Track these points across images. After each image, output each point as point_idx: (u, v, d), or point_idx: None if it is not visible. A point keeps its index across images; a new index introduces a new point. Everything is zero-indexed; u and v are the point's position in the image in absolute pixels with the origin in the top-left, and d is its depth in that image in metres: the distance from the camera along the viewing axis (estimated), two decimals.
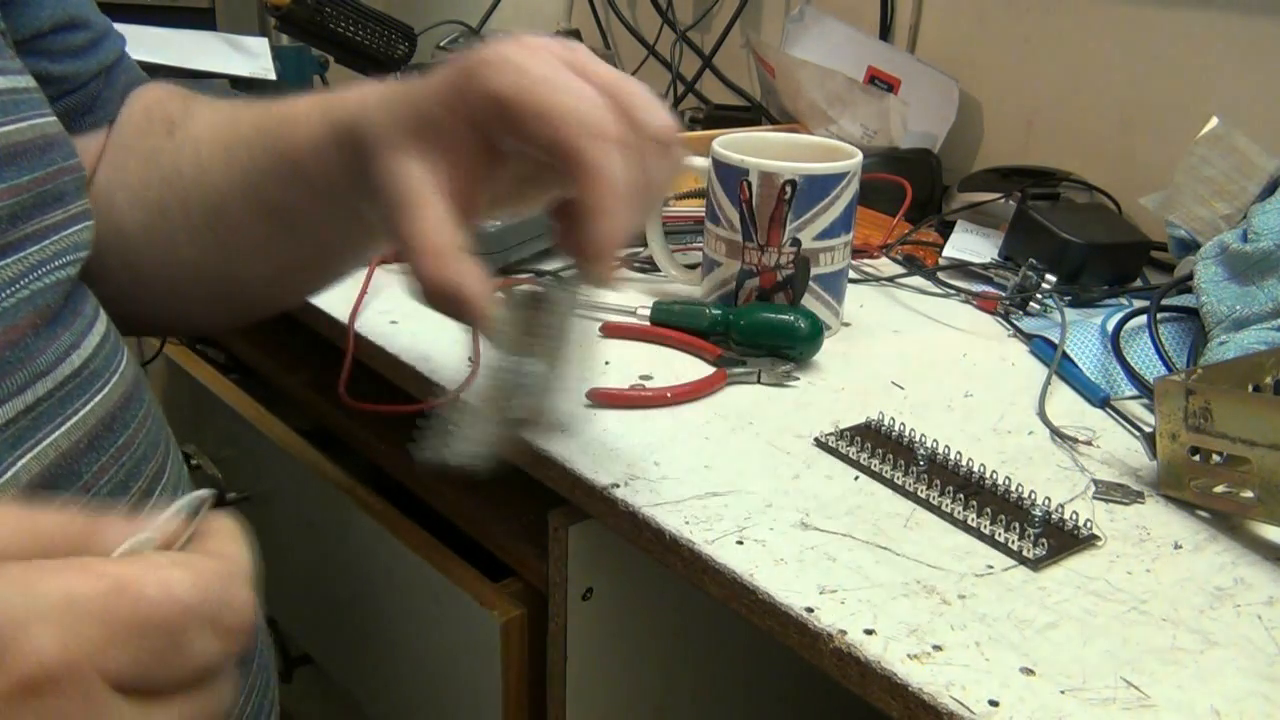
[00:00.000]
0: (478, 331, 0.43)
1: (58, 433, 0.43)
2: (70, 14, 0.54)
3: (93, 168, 0.57)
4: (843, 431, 0.56)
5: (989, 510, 0.48)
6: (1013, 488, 0.50)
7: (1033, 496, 0.49)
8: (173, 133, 0.57)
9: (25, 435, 0.41)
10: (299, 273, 0.59)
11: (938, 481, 0.50)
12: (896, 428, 0.56)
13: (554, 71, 0.41)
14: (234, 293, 0.59)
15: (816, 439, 0.55)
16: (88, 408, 0.45)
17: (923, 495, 0.50)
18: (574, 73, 0.42)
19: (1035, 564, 0.45)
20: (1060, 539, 0.47)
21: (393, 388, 0.64)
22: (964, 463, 0.52)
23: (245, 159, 0.53)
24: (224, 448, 0.85)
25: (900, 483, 0.51)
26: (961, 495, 0.49)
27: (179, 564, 0.28)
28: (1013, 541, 0.46)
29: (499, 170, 0.45)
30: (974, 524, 0.48)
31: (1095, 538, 0.48)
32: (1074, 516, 0.48)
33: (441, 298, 0.42)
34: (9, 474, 0.40)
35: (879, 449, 0.53)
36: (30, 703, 0.24)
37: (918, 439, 0.54)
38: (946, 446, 0.53)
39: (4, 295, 0.41)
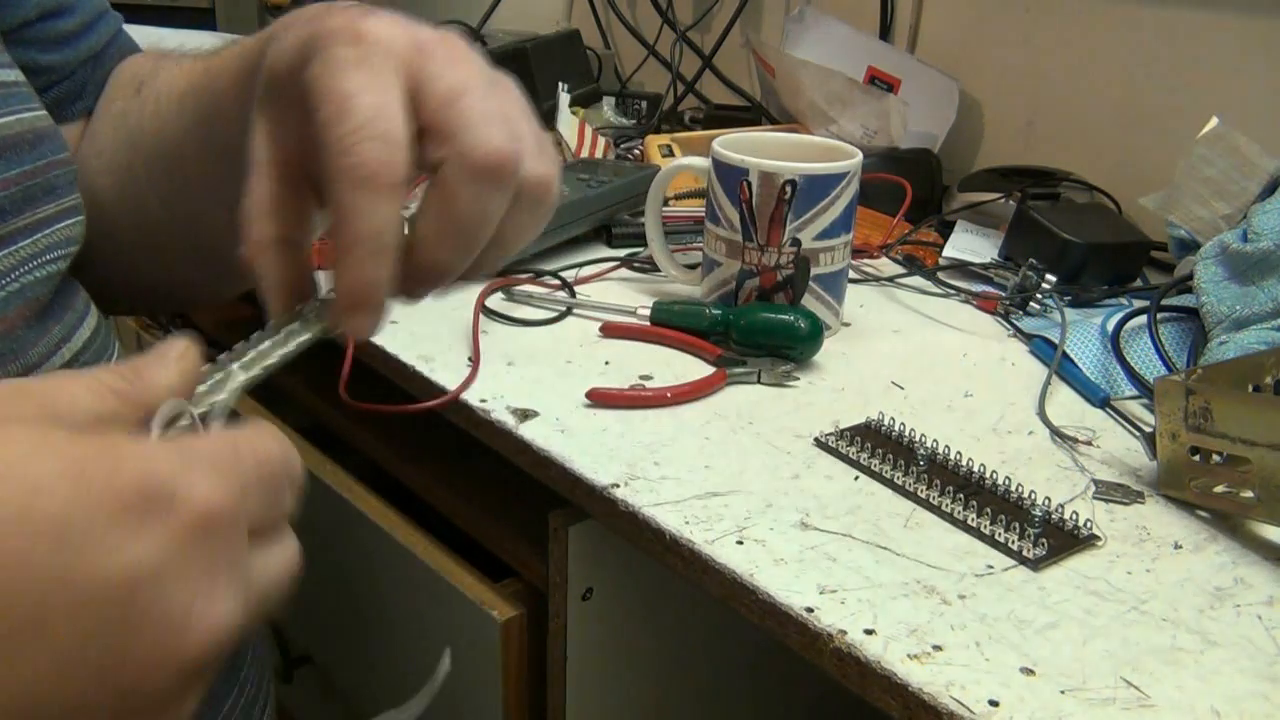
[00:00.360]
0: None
1: None
2: (58, 0, 0.53)
3: (76, 150, 0.56)
4: (843, 431, 0.56)
5: (989, 510, 0.48)
6: (1013, 488, 0.50)
7: (1033, 496, 0.49)
8: (140, 91, 0.55)
9: None
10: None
11: (938, 481, 0.50)
12: (896, 428, 0.56)
13: (359, 87, 0.35)
14: (204, 249, 0.56)
15: (816, 439, 0.56)
16: None
17: (923, 495, 0.50)
18: (414, 81, 0.36)
19: (1035, 564, 0.45)
20: (1060, 539, 0.47)
21: (393, 387, 0.64)
22: (964, 463, 0.52)
23: (196, 103, 0.50)
24: None
25: (900, 483, 0.51)
26: (961, 495, 0.49)
27: (263, 427, 0.31)
28: (1013, 541, 0.46)
29: None
30: (974, 524, 0.48)
31: (1095, 538, 0.48)
32: (1074, 516, 0.48)
33: (266, 292, 0.38)
34: None
35: (879, 449, 0.53)
36: (199, 543, 0.27)
37: (918, 439, 0.54)
38: (946, 446, 0.53)
39: None
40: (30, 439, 0.26)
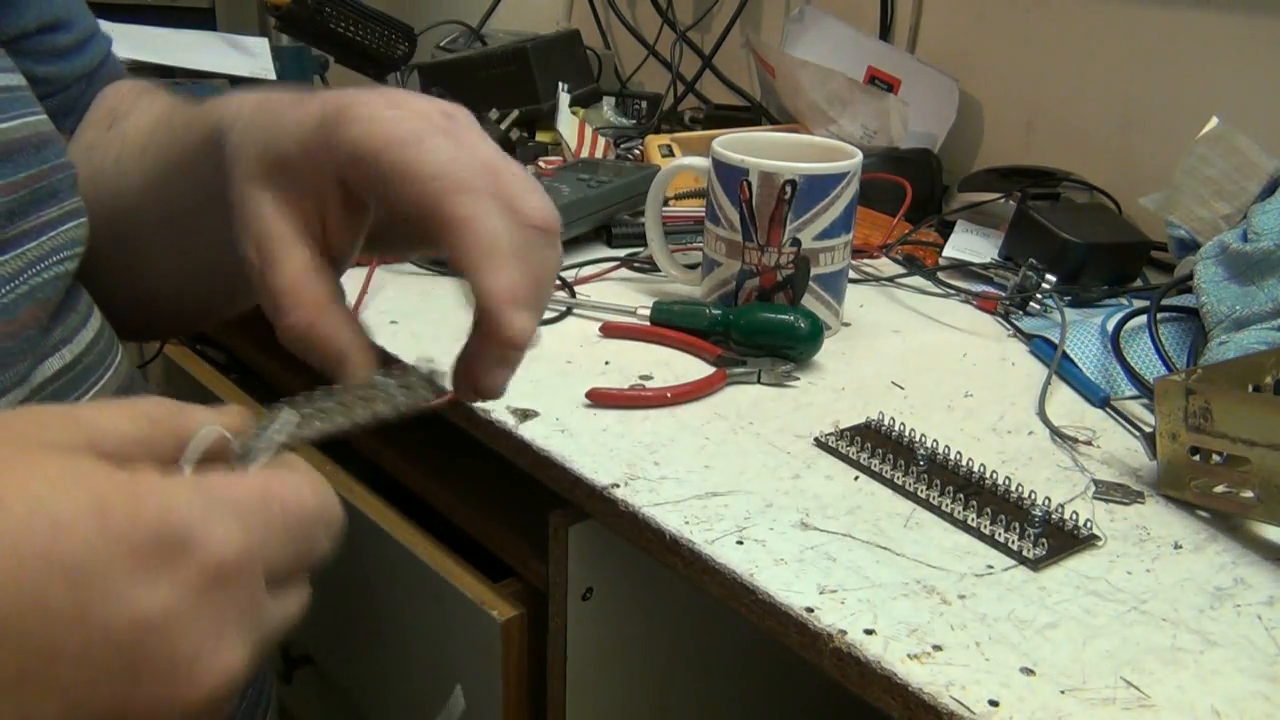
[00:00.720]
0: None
1: None
2: (57, 14, 0.53)
3: None
4: (843, 431, 0.56)
5: (989, 510, 0.48)
6: (1013, 488, 0.50)
7: (1033, 496, 0.49)
8: (112, 126, 0.55)
9: None
10: (202, 287, 0.55)
11: (938, 481, 0.50)
12: (896, 428, 0.56)
13: (422, 131, 0.37)
14: (144, 299, 0.56)
15: (816, 439, 0.55)
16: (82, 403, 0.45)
17: (923, 495, 0.50)
18: (446, 138, 0.38)
19: (1035, 564, 0.45)
20: (1060, 539, 0.47)
21: None
22: (964, 463, 0.52)
23: (155, 157, 0.50)
24: None
25: (900, 483, 0.51)
26: (962, 495, 0.49)
27: (302, 472, 0.31)
28: (1013, 542, 0.46)
29: (368, 217, 0.41)
30: (974, 524, 0.48)
31: (1095, 538, 0.48)
32: (1074, 516, 0.48)
33: (311, 353, 0.39)
34: None
35: (879, 449, 0.53)
36: (215, 592, 0.27)
37: (918, 439, 0.54)
38: (946, 446, 0.53)
39: (3, 291, 0.42)
40: (60, 471, 0.27)
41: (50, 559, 0.25)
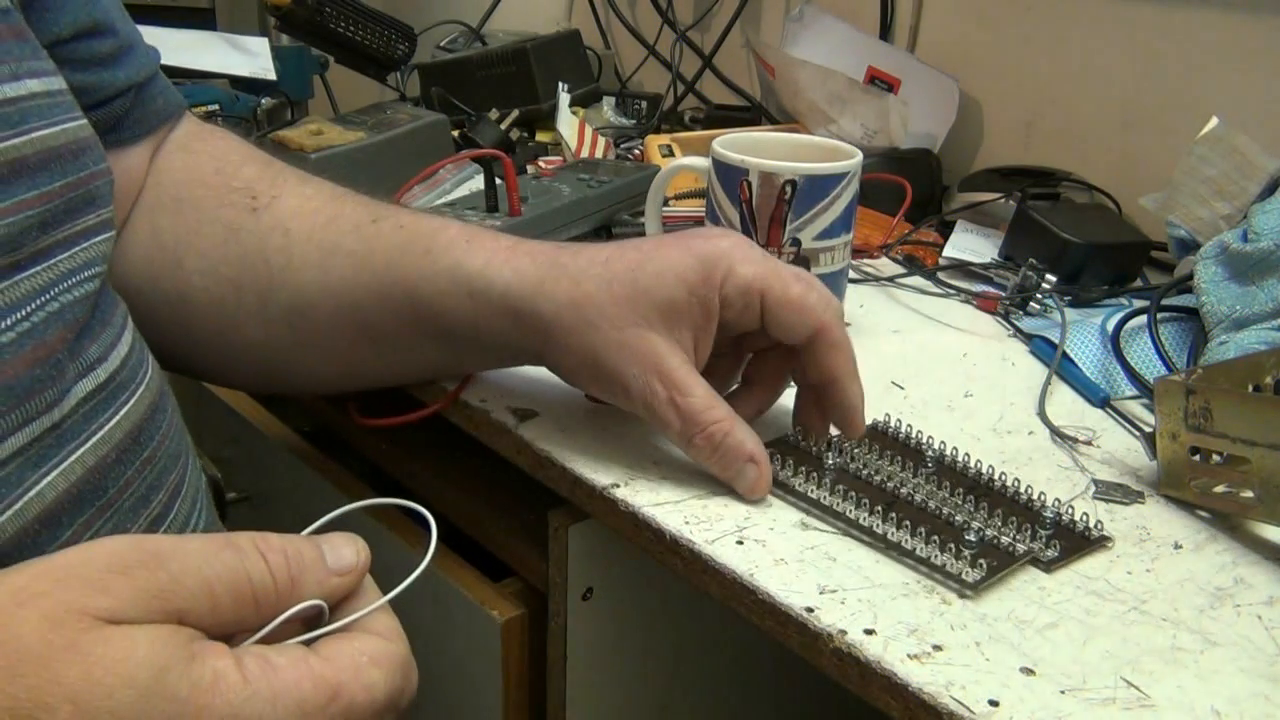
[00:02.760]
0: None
1: (84, 448, 0.41)
2: (95, 19, 0.51)
3: (130, 195, 0.56)
4: None
5: (999, 512, 0.48)
6: (1021, 489, 0.50)
7: (1042, 498, 0.49)
8: (257, 211, 0.56)
9: (49, 454, 0.40)
10: (367, 377, 0.60)
11: (947, 483, 0.50)
12: (904, 430, 0.55)
13: (785, 266, 0.50)
14: (282, 372, 0.59)
15: (829, 440, 0.55)
16: (114, 421, 0.43)
17: (933, 509, 0.49)
18: (796, 278, 0.50)
19: (1048, 565, 0.45)
20: (1072, 540, 0.47)
21: (395, 389, 0.64)
22: (973, 465, 0.52)
23: (347, 273, 0.54)
24: (224, 448, 0.85)
25: (904, 490, 0.51)
26: (971, 497, 0.49)
27: (376, 661, 0.34)
28: (1023, 544, 0.46)
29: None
30: (989, 537, 0.46)
31: (1106, 538, 0.47)
32: (1084, 518, 0.48)
33: (725, 459, 0.49)
34: (33, 492, 0.39)
35: (887, 450, 0.53)
36: None
37: (924, 440, 0.54)
38: (954, 448, 0.53)
39: (33, 307, 0.40)
40: (145, 684, 0.30)
41: None
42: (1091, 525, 0.47)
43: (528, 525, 0.64)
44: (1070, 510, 0.48)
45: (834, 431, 0.53)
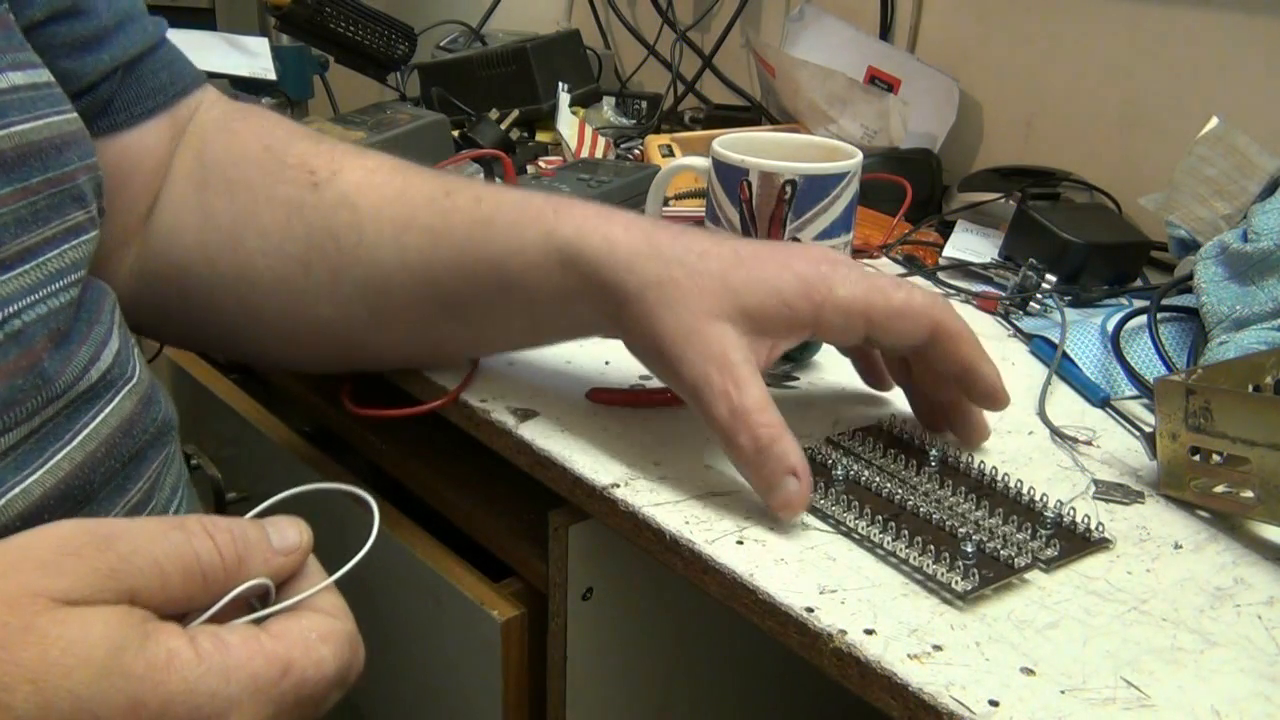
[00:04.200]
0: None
1: (71, 446, 0.41)
2: (72, 0, 0.49)
3: (144, 179, 0.55)
4: (854, 432, 0.56)
5: (1000, 511, 0.48)
6: (1024, 490, 0.50)
7: (1045, 499, 0.49)
8: (318, 187, 0.55)
9: (31, 456, 0.40)
10: (447, 351, 0.60)
11: (949, 483, 0.50)
12: (908, 430, 0.55)
13: (876, 276, 0.50)
14: (359, 351, 0.59)
15: (829, 438, 0.55)
16: (101, 417, 0.43)
17: (936, 520, 0.48)
18: (894, 285, 0.50)
19: (1048, 564, 0.45)
20: (1073, 541, 0.47)
21: (394, 389, 0.64)
22: (975, 465, 0.52)
23: (425, 247, 0.54)
24: (224, 448, 0.85)
25: (910, 484, 0.51)
26: (974, 496, 0.49)
27: (324, 638, 0.35)
28: (1025, 544, 0.46)
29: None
30: (988, 549, 0.46)
31: (1107, 540, 0.47)
32: (1085, 519, 0.47)
33: (765, 465, 0.47)
34: (16, 491, 0.39)
35: (890, 449, 0.53)
36: None
37: (928, 440, 0.54)
38: (957, 449, 0.53)
39: (21, 308, 0.39)
40: (102, 662, 0.30)
41: None
42: (1093, 526, 0.47)
43: (528, 525, 0.64)
44: (1072, 511, 0.48)
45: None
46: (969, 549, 0.44)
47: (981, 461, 0.52)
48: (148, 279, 0.56)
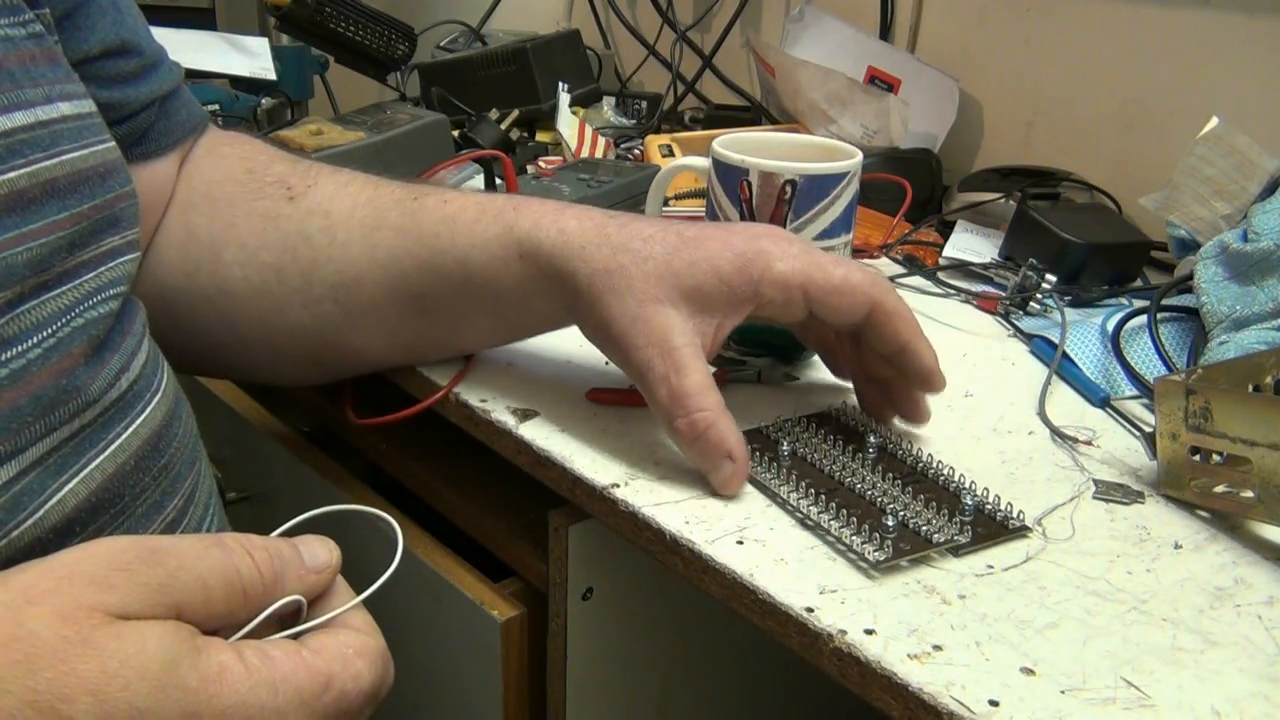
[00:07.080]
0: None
1: (103, 456, 0.42)
2: (122, 38, 0.53)
3: (158, 206, 0.57)
4: (801, 418, 0.56)
5: (922, 497, 0.49)
6: (955, 477, 0.51)
7: (972, 487, 0.49)
8: (295, 199, 0.58)
9: (70, 461, 0.40)
10: (420, 350, 0.61)
11: (880, 468, 0.52)
12: (856, 417, 0.57)
13: (818, 252, 0.52)
14: (334, 355, 0.60)
15: (781, 420, 0.56)
16: (132, 429, 0.44)
17: (868, 496, 0.50)
18: (834, 262, 0.51)
19: (957, 551, 0.46)
20: (989, 528, 0.47)
21: (393, 388, 0.64)
22: (914, 452, 0.53)
23: (394, 245, 0.56)
24: (224, 448, 0.85)
25: (828, 472, 0.51)
26: (899, 481, 0.50)
27: (361, 653, 0.37)
28: (940, 527, 0.47)
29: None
30: (909, 523, 0.47)
31: (1026, 529, 0.48)
32: (1009, 508, 0.48)
33: (703, 449, 0.48)
34: (55, 500, 0.39)
35: (831, 435, 0.54)
36: None
37: (873, 427, 0.55)
38: (898, 436, 0.54)
39: (59, 324, 0.41)
40: (157, 675, 0.31)
41: None
42: (1013, 515, 0.48)
43: (528, 525, 0.64)
44: (996, 500, 0.49)
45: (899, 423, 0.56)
46: (890, 523, 0.46)
47: (919, 449, 0.53)
48: None
